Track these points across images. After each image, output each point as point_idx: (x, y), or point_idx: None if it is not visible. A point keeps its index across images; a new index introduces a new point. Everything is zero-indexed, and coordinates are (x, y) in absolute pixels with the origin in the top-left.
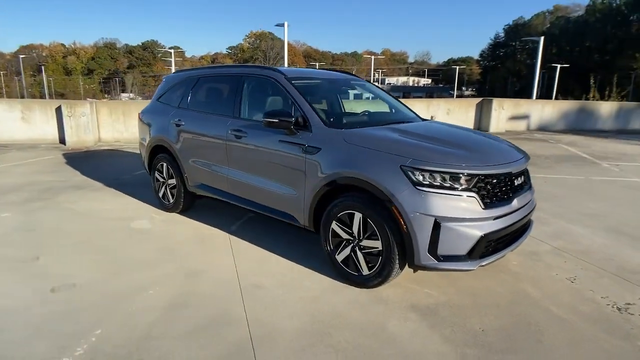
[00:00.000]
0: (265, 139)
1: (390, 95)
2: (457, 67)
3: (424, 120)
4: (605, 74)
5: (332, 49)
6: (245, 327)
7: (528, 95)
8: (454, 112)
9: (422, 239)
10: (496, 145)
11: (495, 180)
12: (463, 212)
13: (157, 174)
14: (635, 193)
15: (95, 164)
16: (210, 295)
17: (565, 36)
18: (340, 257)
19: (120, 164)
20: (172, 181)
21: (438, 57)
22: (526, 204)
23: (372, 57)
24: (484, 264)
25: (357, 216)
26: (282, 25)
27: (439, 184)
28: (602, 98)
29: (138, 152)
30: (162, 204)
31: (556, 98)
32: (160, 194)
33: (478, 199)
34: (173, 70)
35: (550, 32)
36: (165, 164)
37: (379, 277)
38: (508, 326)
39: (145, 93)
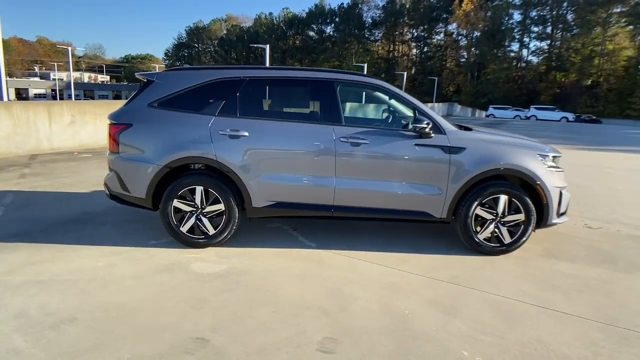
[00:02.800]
0: (396, 144)
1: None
2: (155, 65)
3: None
4: None
5: None
6: (521, 302)
7: None
8: None
9: (555, 205)
10: None
11: None
12: (564, 182)
13: (178, 203)
14: None
15: None
16: (449, 294)
17: (242, 43)
18: (482, 236)
19: None
20: (216, 207)
21: (113, 52)
22: None
23: (69, 48)
24: None
25: (503, 198)
26: None
27: (555, 164)
28: None
29: None
30: (187, 240)
31: None
32: (185, 228)
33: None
34: None
35: (228, 37)
36: (200, 188)
37: (518, 242)
38: (590, 253)
39: None
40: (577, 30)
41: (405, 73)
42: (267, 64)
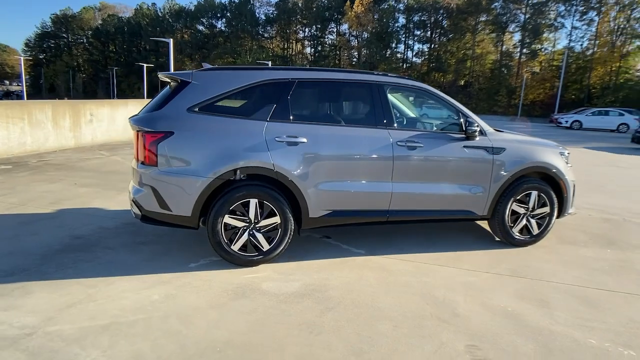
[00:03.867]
0: (447, 146)
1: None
2: (19, 57)
3: None
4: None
5: None
6: (587, 287)
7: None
8: None
9: (571, 197)
10: None
11: None
12: (574, 176)
13: (228, 219)
14: None
15: None
16: (527, 288)
17: (122, 35)
18: (516, 229)
19: None
20: (271, 221)
21: None
22: None
23: None
24: None
25: (534, 193)
26: None
27: (568, 161)
28: None
29: None
30: (240, 259)
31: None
32: (237, 246)
33: None
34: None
35: (105, 28)
36: (254, 201)
37: (544, 232)
38: (591, 237)
39: None
40: (452, 35)
41: None
42: (172, 60)
